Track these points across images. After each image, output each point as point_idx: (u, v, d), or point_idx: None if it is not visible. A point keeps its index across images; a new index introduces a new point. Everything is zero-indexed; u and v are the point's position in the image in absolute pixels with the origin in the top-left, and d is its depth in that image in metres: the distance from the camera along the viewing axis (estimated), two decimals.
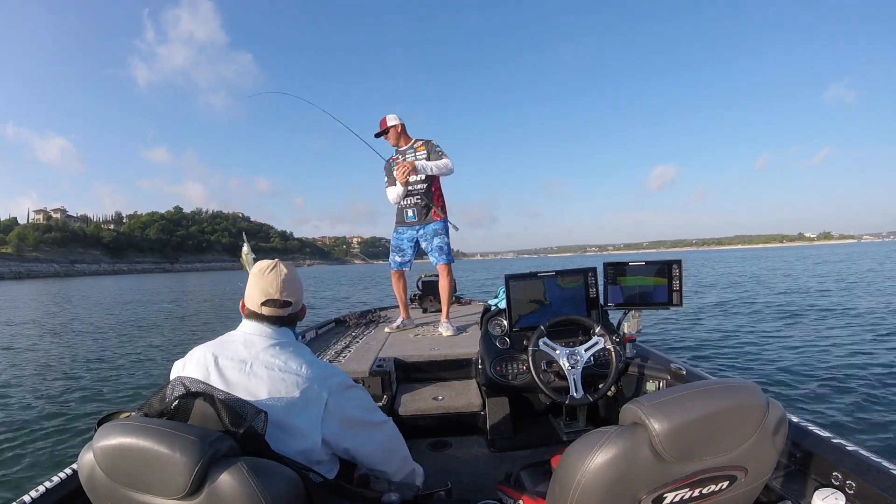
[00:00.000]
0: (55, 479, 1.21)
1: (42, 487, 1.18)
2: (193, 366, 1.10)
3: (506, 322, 2.34)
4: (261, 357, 1.10)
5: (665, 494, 0.83)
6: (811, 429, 1.30)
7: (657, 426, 0.78)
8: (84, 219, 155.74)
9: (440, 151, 3.23)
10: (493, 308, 2.49)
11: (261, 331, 1.15)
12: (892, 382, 4.42)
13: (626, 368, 2.22)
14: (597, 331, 2.09)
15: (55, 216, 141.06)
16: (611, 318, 2.41)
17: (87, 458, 0.90)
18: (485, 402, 2.31)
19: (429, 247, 3.29)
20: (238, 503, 0.81)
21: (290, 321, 1.21)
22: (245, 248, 2.07)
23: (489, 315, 2.46)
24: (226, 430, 0.92)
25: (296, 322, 1.24)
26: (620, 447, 0.79)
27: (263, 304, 1.16)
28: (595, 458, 0.79)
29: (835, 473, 1.16)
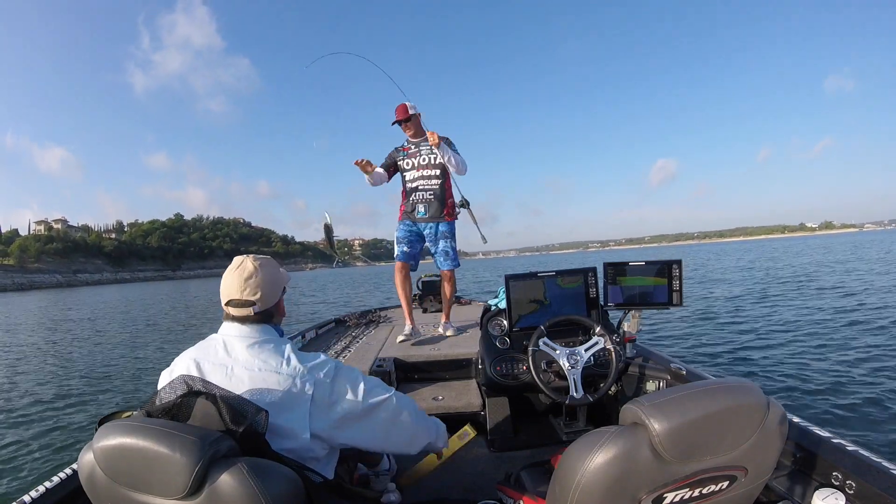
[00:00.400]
0: (55, 479, 1.21)
1: (42, 487, 1.18)
2: (179, 374, 1.09)
3: (506, 322, 2.34)
4: (240, 358, 1.09)
5: (665, 494, 0.83)
6: (811, 429, 1.30)
7: (657, 426, 0.78)
8: (85, 228, 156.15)
9: (456, 150, 3.12)
10: (493, 308, 2.49)
11: (238, 331, 1.13)
12: (893, 382, 4.40)
13: (626, 368, 2.22)
14: (597, 331, 2.09)
15: (56, 226, 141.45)
16: (611, 318, 2.41)
17: (87, 458, 0.90)
18: (485, 402, 2.31)
19: (433, 248, 3.17)
20: (238, 503, 0.82)
21: (264, 319, 1.17)
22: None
23: (489, 315, 2.46)
24: (227, 429, 0.92)
25: (271, 319, 1.19)
26: (620, 447, 0.79)
27: (227, 304, 1.15)
28: (595, 458, 0.79)
29: (835, 473, 1.15)
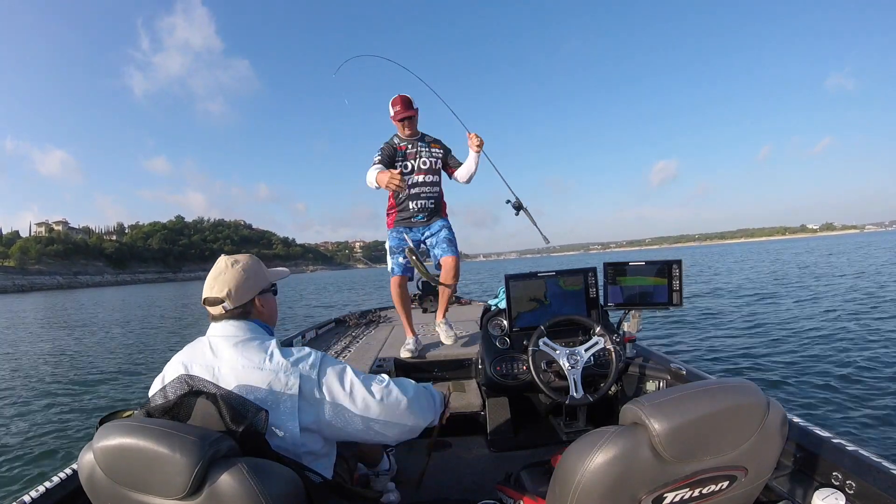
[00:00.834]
0: (55, 479, 1.21)
1: (42, 487, 1.18)
2: (171, 378, 1.08)
3: (506, 322, 2.34)
4: (225, 357, 1.09)
5: (665, 494, 0.83)
6: (811, 429, 1.30)
7: (657, 426, 0.78)
8: (86, 230, 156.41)
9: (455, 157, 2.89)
10: (493, 308, 2.49)
11: (222, 331, 1.14)
12: (893, 382, 4.39)
13: (626, 368, 2.22)
14: (597, 331, 2.09)
15: (57, 228, 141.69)
16: (611, 318, 2.41)
17: (87, 459, 0.90)
18: (485, 402, 2.31)
19: (435, 240, 2.85)
20: (238, 503, 0.82)
21: (243, 316, 1.17)
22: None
23: (489, 315, 2.46)
24: (227, 428, 0.93)
25: (249, 315, 1.19)
26: (620, 447, 0.79)
27: (203, 303, 1.17)
28: (595, 458, 0.79)
29: (835, 473, 1.15)
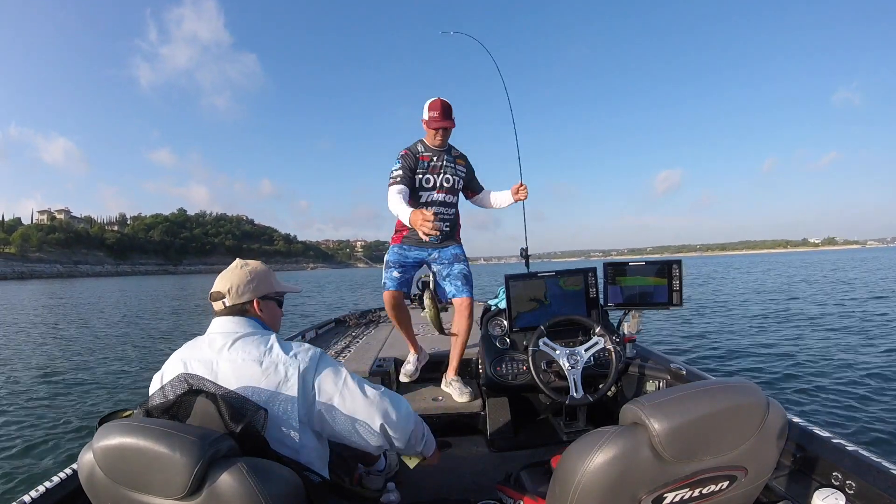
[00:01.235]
0: (55, 479, 1.21)
1: (42, 487, 1.18)
2: (170, 375, 1.09)
3: (506, 322, 2.34)
4: (224, 352, 1.11)
5: (665, 494, 0.83)
6: (811, 429, 1.30)
7: (657, 426, 0.78)
8: (88, 220, 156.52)
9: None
10: (493, 308, 2.49)
11: (221, 327, 1.17)
12: (893, 383, 4.40)
13: (626, 368, 2.22)
14: (597, 331, 2.09)
15: (59, 217, 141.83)
16: (611, 318, 2.41)
17: (87, 459, 0.90)
18: (485, 402, 2.31)
19: (445, 271, 2.39)
20: (237, 503, 0.82)
21: (241, 312, 1.21)
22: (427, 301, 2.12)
23: (489, 315, 2.46)
24: (226, 427, 0.93)
25: (247, 313, 1.22)
26: (620, 447, 0.79)
27: (209, 299, 1.23)
28: (595, 458, 0.79)
29: (835, 473, 1.16)
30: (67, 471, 1.24)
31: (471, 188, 2.58)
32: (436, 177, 2.38)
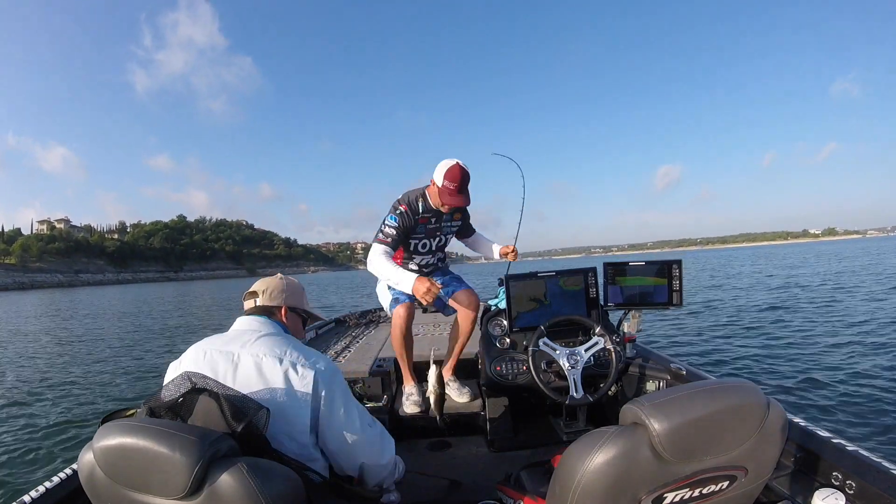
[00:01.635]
0: (55, 479, 1.22)
1: (42, 487, 1.19)
2: (188, 363, 1.13)
3: (506, 322, 2.34)
4: (247, 346, 1.13)
5: (665, 494, 0.83)
6: (811, 429, 1.30)
7: (657, 426, 0.78)
8: (88, 228, 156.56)
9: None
10: (493, 308, 2.49)
11: (246, 325, 1.23)
12: (893, 383, 4.39)
13: (626, 368, 2.22)
14: (597, 331, 2.09)
15: (59, 226, 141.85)
16: (611, 318, 2.41)
17: (87, 458, 0.91)
18: (485, 402, 2.31)
19: (439, 281, 2.32)
20: (238, 503, 0.82)
21: (267, 312, 1.28)
22: None
23: (489, 315, 2.46)
24: (228, 426, 0.93)
25: (271, 314, 1.28)
26: (620, 447, 0.79)
27: (244, 298, 1.33)
28: (595, 458, 0.80)
29: (835, 473, 1.16)
30: (67, 471, 1.25)
31: (464, 234, 2.54)
32: (432, 240, 2.30)
